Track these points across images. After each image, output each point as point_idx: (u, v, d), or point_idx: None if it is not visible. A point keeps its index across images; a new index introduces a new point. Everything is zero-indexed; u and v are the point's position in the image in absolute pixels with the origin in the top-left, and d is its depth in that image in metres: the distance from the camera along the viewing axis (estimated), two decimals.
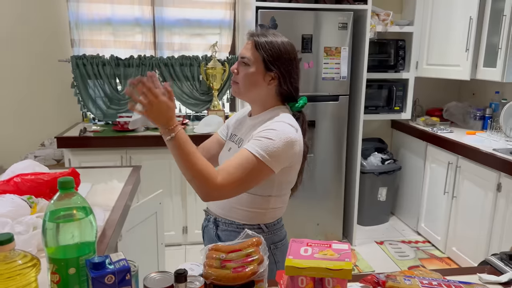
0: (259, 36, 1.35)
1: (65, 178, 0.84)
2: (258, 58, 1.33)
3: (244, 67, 1.35)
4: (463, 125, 3.39)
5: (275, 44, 1.35)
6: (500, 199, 2.55)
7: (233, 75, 1.40)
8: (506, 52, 2.77)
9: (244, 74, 1.35)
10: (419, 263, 3.02)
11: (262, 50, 1.33)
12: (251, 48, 1.34)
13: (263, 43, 1.34)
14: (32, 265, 0.80)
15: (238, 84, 1.38)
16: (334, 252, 0.88)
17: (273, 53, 1.34)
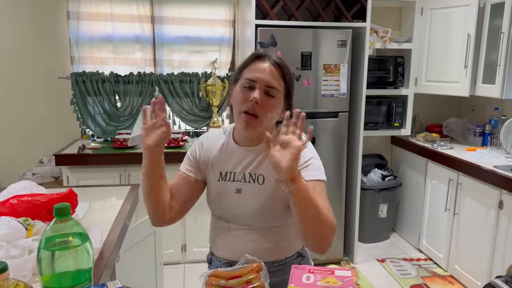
0: (283, 64, 1.26)
1: (61, 204, 0.82)
2: (283, 89, 1.26)
3: (268, 98, 1.23)
4: (463, 141, 3.38)
5: (290, 72, 1.29)
6: (502, 216, 2.52)
7: (250, 105, 1.21)
8: (504, 69, 2.78)
9: (270, 107, 1.23)
10: (421, 281, 2.98)
11: (289, 81, 1.26)
12: (279, 77, 1.24)
13: (288, 72, 1.26)
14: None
15: (258, 119, 1.22)
16: (337, 279, 0.86)
17: (293, 84, 1.29)
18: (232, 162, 1.33)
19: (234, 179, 1.31)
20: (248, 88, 1.23)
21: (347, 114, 3.12)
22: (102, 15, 3.24)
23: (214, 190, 1.35)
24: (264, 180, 1.28)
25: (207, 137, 1.41)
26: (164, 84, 3.35)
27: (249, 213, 1.28)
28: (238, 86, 1.27)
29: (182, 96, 3.40)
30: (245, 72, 1.27)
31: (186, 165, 1.40)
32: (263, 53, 1.27)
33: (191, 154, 1.40)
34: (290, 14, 3.05)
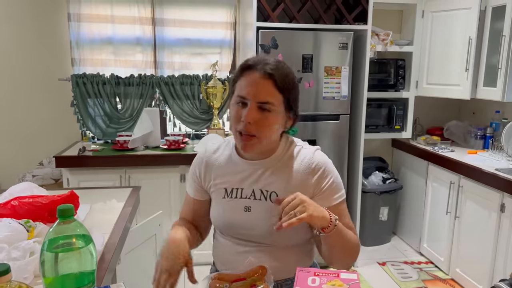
0: (275, 71, 1.11)
1: (65, 205, 0.81)
2: (281, 100, 1.13)
3: (263, 113, 1.12)
4: (464, 144, 3.38)
5: (290, 76, 1.16)
6: (504, 219, 2.52)
7: (243, 125, 1.11)
8: (506, 72, 2.77)
9: (267, 123, 1.12)
10: (423, 284, 2.97)
11: (286, 90, 1.13)
12: (273, 89, 1.11)
13: (283, 80, 1.12)
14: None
15: (255, 138, 1.13)
16: (343, 282, 0.85)
17: (293, 88, 1.16)
18: (238, 177, 1.23)
19: (242, 196, 1.21)
20: (241, 104, 1.13)
21: (348, 116, 3.12)
22: (102, 17, 3.24)
23: (219, 207, 1.26)
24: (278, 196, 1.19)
25: (205, 153, 1.31)
26: (165, 86, 3.34)
27: (260, 232, 1.19)
28: (232, 103, 1.17)
29: (182, 98, 3.40)
30: (237, 85, 1.16)
31: (193, 190, 1.33)
32: (252, 63, 1.14)
33: (194, 176, 1.32)
34: (292, 16, 3.05)
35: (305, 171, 1.19)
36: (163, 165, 3.00)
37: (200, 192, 1.32)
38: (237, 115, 1.13)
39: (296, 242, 1.23)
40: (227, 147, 1.30)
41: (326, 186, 1.19)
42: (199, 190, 1.32)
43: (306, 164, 1.20)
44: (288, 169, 1.20)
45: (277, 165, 1.21)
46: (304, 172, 1.19)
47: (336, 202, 1.19)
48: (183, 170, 3.02)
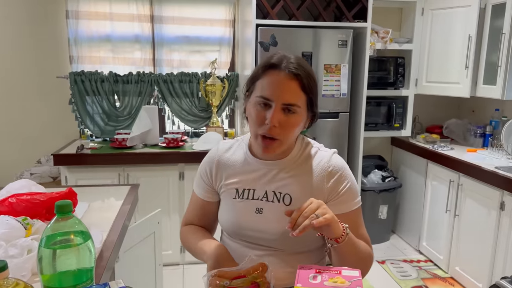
0: (300, 71, 1.07)
1: (63, 201, 0.80)
2: (304, 101, 1.10)
3: (288, 115, 1.08)
4: (463, 142, 3.37)
5: (312, 74, 1.11)
6: (504, 217, 2.51)
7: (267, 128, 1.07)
8: (506, 70, 2.77)
9: (291, 125, 1.09)
10: (422, 283, 2.97)
11: (310, 90, 1.09)
12: (298, 91, 1.07)
13: (308, 80, 1.08)
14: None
15: (278, 141, 1.09)
16: (345, 279, 0.84)
17: (315, 87, 1.12)
18: (251, 178, 1.19)
19: (254, 197, 1.17)
20: (263, 105, 1.08)
21: (347, 114, 3.11)
22: (101, 14, 3.22)
23: (229, 209, 1.21)
24: (292, 201, 1.15)
25: (217, 152, 1.27)
26: (164, 84, 3.33)
27: (271, 236, 1.15)
28: (252, 103, 1.11)
29: (181, 96, 3.38)
30: (258, 84, 1.11)
31: (202, 191, 1.28)
32: (277, 61, 1.09)
33: (204, 176, 1.27)
34: (291, 14, 3.04)
35: (321, 174, 1.16)
36: (162, 163, 2.99)
37: (209, 193, 1.27)
38: (260, 116, 1.08)
39: (307, 248, 1.19)
40: (240, 146, 1.26)
41: (343, 191, 1.16)
42: (208, 190, 1.27)
43: (323, 167, 1.16)
44: (303, 171, 1.17)
45: (292, 166, 1.17)
46: (320, 175, 1.16)
47: (352, 208, 1.16)
48: (182, 168, 3.01)
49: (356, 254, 1.09)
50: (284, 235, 1.11)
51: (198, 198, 1.29)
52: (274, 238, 1.15)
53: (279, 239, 1.14)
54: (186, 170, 3.01)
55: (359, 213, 1.20)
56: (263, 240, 1.17)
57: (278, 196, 1.15)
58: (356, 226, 1.16)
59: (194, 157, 2.98)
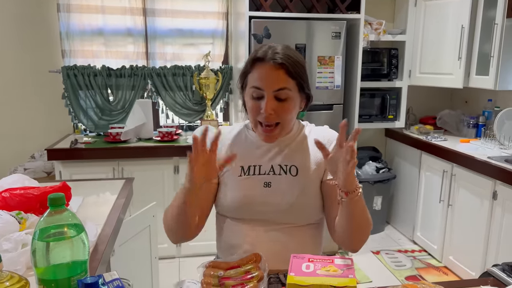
0: (285, 60, 1.14)
1: (55, 194, 0.80)
2: (294, 85, 1.17)
3: (281, 102, 1.16)
4: (456, 133, 3.40)
5: (299, 60, 1.19)
6: (496, 207, 2.54)
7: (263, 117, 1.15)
8: (498, 60, 2.78)
9: (286, 109, 1.16)
10: (416, 272, 3.00)
11: (298, 75, 1.17)
12: (285, 77, 1.15)
13: (294, 66, 1.15)
14: (20, 286, 0.76)
15: (279, 125, 1.18)
16: (337, 267, 0.85)
17: (303, 72, 1.20)
18: (255, 155, 1.25)
19: (260, 172, 1.22)
20: (257, 96, 1.17)
21: (341, 106, 3.11)
22: (93, 7, 3.19)
23: (234, 187, 1.23)
24: (298, 172, 1.21)
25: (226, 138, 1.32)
26: (157, 77, 3.32)
27: (281, 207, 1.19)
28: (248, 95, 1.20)
29: (175, 90, 3.37)
30: (249, 78, 1.19)
31: None
32: (262, 55, 1.17)
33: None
34: (284, 5, 3.03)
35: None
36: (157, 157, 2.98)
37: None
38: (255, 107, 1.17)
39: (311, 220, 1.25)
40: (242, 129, 1.32)
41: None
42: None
43: (320, 137, 1.20)
44: (304, 145, 1.26)
45: (293, 143, 1.26)
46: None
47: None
48: (176, 161, 3.00)
49: (362, 215, 1.13)
50: (292, 206, 1.19)
51: None
52: (284, 209, 1.19)
53: (288, 211, 1.19)
54: (181, 164, 3.00)
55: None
56: (272, 213, 1.20)
57: (284, 169, 1.22)
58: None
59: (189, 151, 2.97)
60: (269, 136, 1.19)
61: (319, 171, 1.23)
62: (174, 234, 1.24)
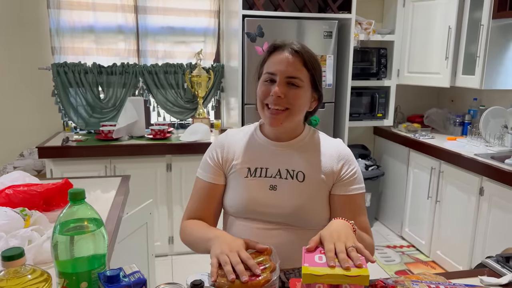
0: (303, 50, 1.17)
1: (76, 189, 0.82)
2: (308, 78, 1.18)
3: (292, 89, 1.16)
4: (443, 131, 3.48)
5: (316, 58, 1.21)
6: (483, 202, 2.62)
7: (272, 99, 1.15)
8: (484, 60, 2.86)
9: (296, 96, 1.16)
10: (405, 267, 3.07)
11: (313, 68, 1.18)
12: (300, 66, 1.16)
13: (311, 59, 1.18)
14: (43, 280, 0.77)
15: (288, 110, 1.17)
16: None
17: (318, 67, 1.21)
18: (263, 158, 1.25)
19: (267, 175, 1.22)
20: (270, 81, 1.18)
21: (333, 105, 3.16)
22: (83, 4, 3.16)
23: (241, 187, 1.24)
24: (305, 178, 1.22)
25: (226, 136, 1.32)
26: (148, 75, 3.31)
27: (286, 210, 1.20)
28: (261, 82, 1.21)
29: (166, 88, 3.37)
30: (265, 66, 1.21)
31: (209, 173, 1.28)
32: (280, 43, 1.20)
33: (212, 159, 1.29)
34: (276, 4, 3.05)
35: (331, 157, 1.24)
36: (149, 155, 2.98)
37: (217, 175, 1.28)
38: (266, 90, 1.18)
39: (317, 223, 1.21)
40: (249, 129, 1.32)
41: (350, 174, 1.24)
42: (216, 172, 1.28)
43: (333, 150, 1.25)
44: (313, 152, 1.25)
45: (302, 148, 1.25)
46: (330, 157, 1.24)
47: (356, 192, 1.24)
48: (169, 159, 3.01)
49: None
50: (297, 210, 1.19)
51: (203, 182, 1.29)
52: (288, 213, 1.20)
53: (293, 214, 1.19)
54: (174, 162, 3.01)
55: (362, 199, 1.27)
56: (276, 215, 1.21)
57: (291, 174, 1.22)
58: (358, 210, 1.24)
59: (182, 149, 2.99)
60: (275, 119, 1.17)
61: (327, 181, 1.23)
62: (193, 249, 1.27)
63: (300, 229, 1.22)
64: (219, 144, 1.31)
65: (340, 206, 1.24)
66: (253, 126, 1.34)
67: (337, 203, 1.24)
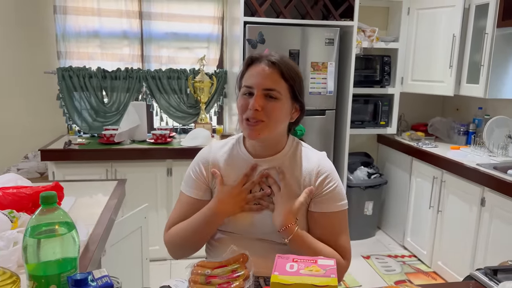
0: (278, 61, 1.16)
1: (48, 192, 0.82)
2: (286, 89, 1.17)
3: (270, 101, 1.15)
4: (447, 140, 3.44)
5: (295, 68, 1.20)
6: (484, 213, 2.58)
7: (250, 113, 1.14)
8: (488, 69, 2.83)
9: (274, 109, 1.14)
10: (406, 277, 3.03)
11: (291, 79, 1.17)
12: (277, 78, 1.15)
13: (289, 70, 1.16)
14: (11, 282, 0.78)
15: (264, 123, 1.15)
16: (320, 268, 0.88)
17: (297, 77, 1.19)
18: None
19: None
20: (248, 95, 1.17)
21: (334, 112, 3.15)
22: (89, 9, 3.22)
23: None
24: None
25: (210, 151, 1.30)
26: (152, 80, 3.34)
27: (267, 230, 1.19)
28: (240, 95, 1.20)
29: (169, 93, 3.40)
30: (243, 79, 1.20)
31: (194, 189, 1.27)
32: (257, 55, 1.19)
33: (196, 175, 1.28)
34: (279, 11, 3.07)
35: (311, 171, 1.22)
36: (150, 159, 3.00)
37: (201, 191, 1.27)
38: (244, 104, 1.17)
39: None
40: (235, 144, 1.30)
41: (327, 191, 1.21)
42: (200, 188, 1.27)
43: (312, 166, 1.23)
44: (294, 167, 1.23)
45: (284, 163, 1.23)
46: (310, 172, 1.22)
47: (335, 210, 1.21)
48: (170, 164, 3.02)
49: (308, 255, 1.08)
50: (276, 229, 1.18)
51: (188, 198, 1.28)
52: (269, 232, 1.19)
53: (274, 233, 1.18)
54: (174, 166, 3.02)
55: (343, 217, 1.23)
56: (257, 233, 1.21)
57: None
58: (336, 230, 1.21)
59: (182, 154, 3.00)
60: (253, 130, 1.15)
61: (306, 198, 1.20)
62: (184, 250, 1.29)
63: (283, 245, 1.20)
64: (203, 159, 1.30)
65: (316, 224, 1.21)
66: (236, 138, 1.32)
67: (313, 220, 1.22)
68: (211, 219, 1.20)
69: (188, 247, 1.28)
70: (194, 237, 1.24)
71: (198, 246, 1.28)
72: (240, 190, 1.21)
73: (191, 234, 1.23)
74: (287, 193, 1.18)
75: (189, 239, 1.24)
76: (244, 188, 1.21)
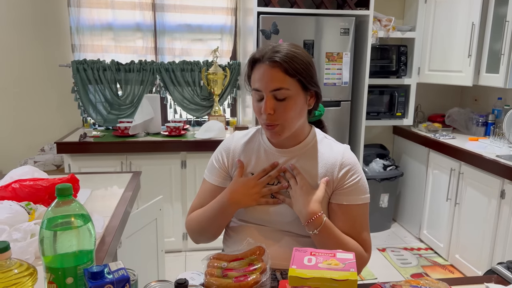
0: (280, 58, 1.11)
1: (63, 184, 0.82)
2: (294, 83, 1.13)
3: (281, 102, 1.13)
4: (465, 131, 3.37)
5: (300, 58, 1.14)
6: (504, 206, 2.52)
7: (265, 117, 1.14)
8: (508, 58, 2.75)
9: (286, 109, 1.13)
10: (422, 270, 2.99)
11: (297, 73, 1.12)
12: (282, 76, 1.11)
13: (293, 63, 1.11)
14: (28, 274, 0.78)
15: (280, 125, 1.15)
16: (339, 261, 0.86)
17: (304, 68, 1.14)
18: (266, 163, 1.24)
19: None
20: (259, 98, 1.16)
21: (349, 103, 3.11)
22: (102, 2, 3.22)
23: None
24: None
25: (233, 139, 1.32)
26: (165, 72, 3.34)
27: (285, 219, 1.19)
28: (253, 98, 1.19)
29: (183, 85, 3.39)
30: (252, 81, 1.18)
31: (216, 176, 1.30)
32: (258, 55, 1.15)
33: (218, 163, 1.30)
34: (293, 1, 3.02)
35: (333, 164, 1.20)
36: (164, 151, 3.01)
37: (223, 178, 1.29)
38: (258, 108, 1.17)
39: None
40: (255, 134, 1.31)
41: (351, 183, 1.19)
42: (222, 176, 1.29)
43: (335, 157, 1.21)
44: (315, 158, 1.22)
45: (305, 154, 1.23)
46: (332, 164, 1.20)
47: (357, 202, 1.19)
48: (184, 156, 3.03)
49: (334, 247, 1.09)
50: (296, 219, 1.17)
51: (210, 185, 1.30)
52: (288, 221, 1.19)
53: (291, 223, 1.19)
54: (188, 159, 3.03)
55: (364, 211, 1.21)
56: (276, 223, 1.21)
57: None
58: (358, 223, 1.19)
59: (196, 146, 3.00)
60: (272, 133, 1.17)
61: (327, 189, 1.19)
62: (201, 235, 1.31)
63: (300, 236, 1.20)
64: (225, 148, 1.32)
65: (337, 216, 1.19)
66: (258, 128, 1.32)
67: (334, 212, 1.20)
68: (223, 207, 1.21)
69: (205, 233, 1.30)
70: (209, 224, 1.26)
71: (216, 232, 1.29)
72: (255, 183, 1.20)
73: (207, 221, 1.26)
74: (307, 184, 1.17)
75: (205, 226, 1.27)
76: (260, 181, 1.21)
